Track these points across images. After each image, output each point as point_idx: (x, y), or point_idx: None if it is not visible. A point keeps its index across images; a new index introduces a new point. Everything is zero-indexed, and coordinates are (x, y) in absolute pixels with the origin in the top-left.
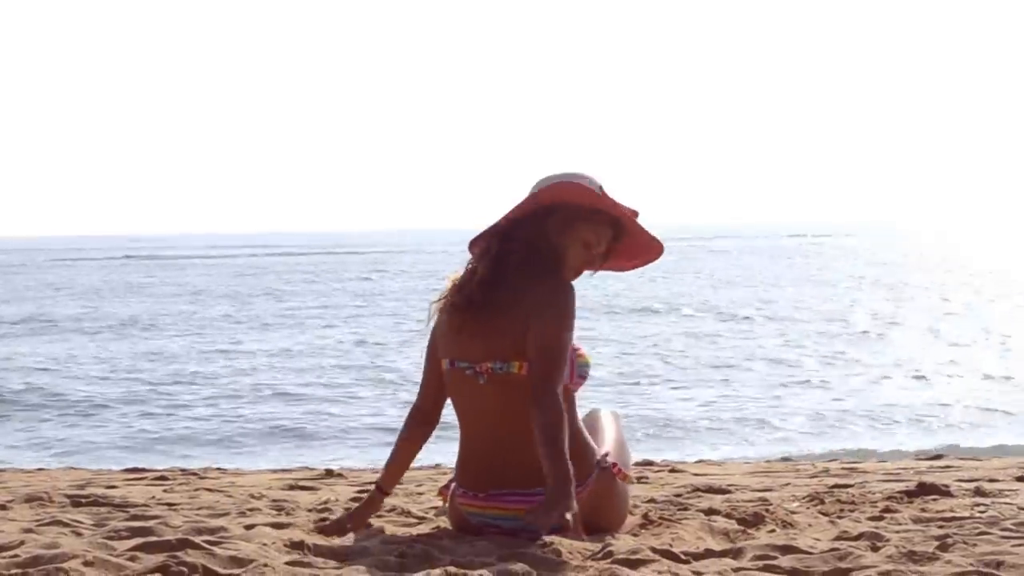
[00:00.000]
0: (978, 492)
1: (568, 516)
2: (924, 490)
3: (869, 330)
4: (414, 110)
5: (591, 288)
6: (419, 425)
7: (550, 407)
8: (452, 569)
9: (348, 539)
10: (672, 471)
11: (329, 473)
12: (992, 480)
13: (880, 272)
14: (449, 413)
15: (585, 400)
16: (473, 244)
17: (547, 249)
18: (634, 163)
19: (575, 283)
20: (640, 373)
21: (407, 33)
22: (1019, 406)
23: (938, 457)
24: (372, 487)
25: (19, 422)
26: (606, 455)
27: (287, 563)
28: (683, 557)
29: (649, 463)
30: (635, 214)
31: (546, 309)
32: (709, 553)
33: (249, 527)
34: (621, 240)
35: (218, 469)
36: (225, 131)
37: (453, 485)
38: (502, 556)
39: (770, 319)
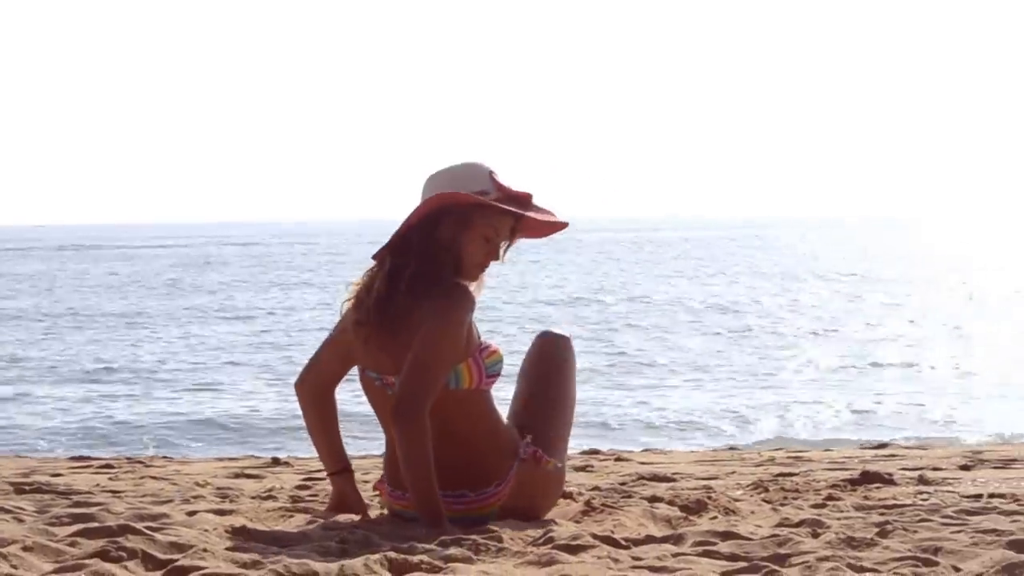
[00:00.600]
0: (922, 480)
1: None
2: (868, 478)
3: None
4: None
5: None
6: (311, 393)
7: (407, 430)
8: (392, 554)
9: (289, 525)
10: (618, 460)
11: (276, 461)
12: (936, 468)
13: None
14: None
15: None
16: (376, 256)
17: (442, 255)
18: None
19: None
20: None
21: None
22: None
23: (883, 446)
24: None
25: None
26: (526, 443)
27: (227, 548)
28: (623, 543)
29: (595, 452)
30: (528, 196)
31: (429, 326)
32: (650, 539)
33: (191, 514)
34: (522, 221)
35: (164, 457)
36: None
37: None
38: (443, 542)
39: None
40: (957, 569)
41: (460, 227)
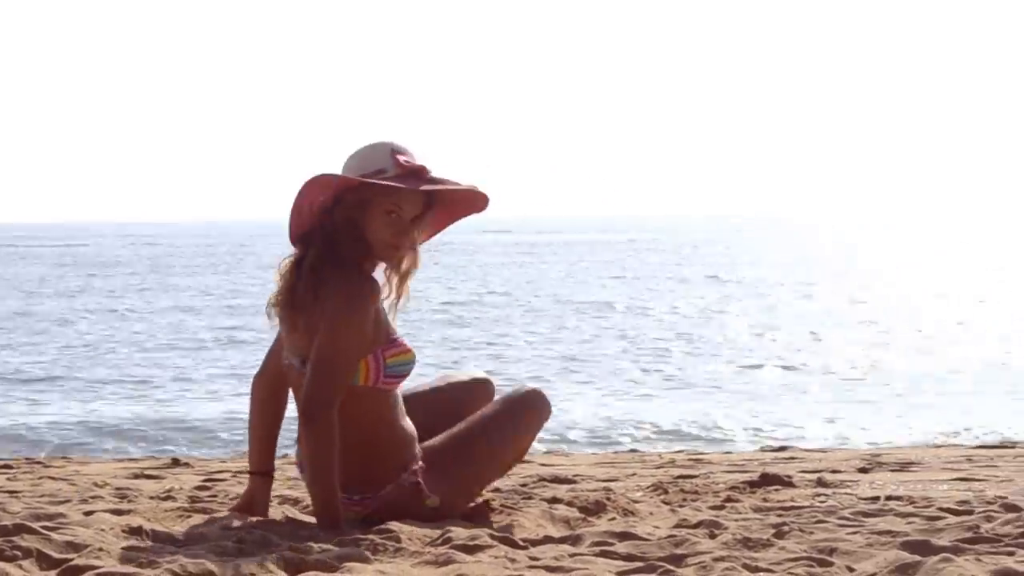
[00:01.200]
0: (820, 483)
1: None
2: (767, 480)
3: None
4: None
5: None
6: (258, 385)
7: (312, 430)
8: (288, 554)
9: (186, 526)
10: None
11: (175, 462)
12: (835, 471)
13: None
14: None
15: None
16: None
17: (345, 237)
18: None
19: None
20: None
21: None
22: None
23: (783, 449)
24: (229, 476)
25: None
26: (415, 469)
27: (123, 548)
28: (521, 543)
29: None
30: (422, 168)
31: (328, 317)
32: (548, 539)
33: (88, 513)
34: (437, 195)
35: (63, 458)
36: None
37: None
38: (341, 542)
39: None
40: (851, 569)
41: (358, 208)
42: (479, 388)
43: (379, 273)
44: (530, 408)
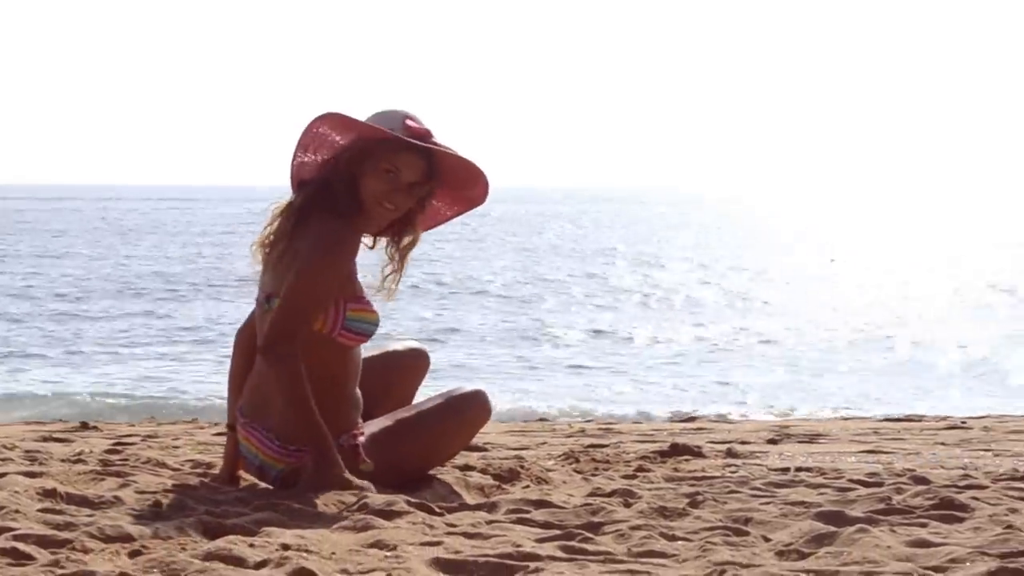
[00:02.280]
0: (730, 453)
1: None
2: (677, 451)
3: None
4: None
5: None
6: (242, 339)
7: (279, 370)
8: (206, 518)
9: (100, 489)
10: None
11: (84, 425)
12: (744, 442)
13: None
14: None
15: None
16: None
17: (339, 183)
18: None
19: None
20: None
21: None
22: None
23: (691, 419)
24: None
25: None
26: (355, 433)
27: (39, 510)
28: (437, 510)
29: None
30: (427, 133)
31: (307, 252)
32: (464, 507)
33: (0, 476)
34: (438, 171)
35: None
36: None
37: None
38: (257, 507)
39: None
40: (767, 539)
41: (357, 162)
42: (415, 357)
43: (380, 252)
44: (473, 408)
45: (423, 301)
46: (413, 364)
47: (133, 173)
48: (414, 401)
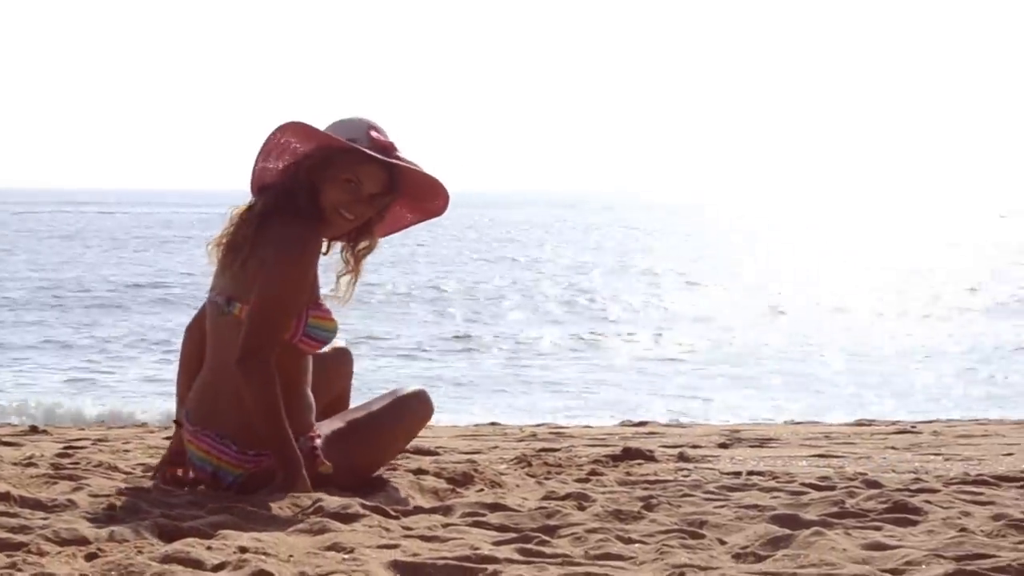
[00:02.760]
0: (681, 457)
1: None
2: (629, 455)
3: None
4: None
5: None
6: (192, 336)
7: (253, 380)
8: (162, 520)
9: (53, 492)
10: None
11: (34, 429)
12: (695, 446)
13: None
14: None
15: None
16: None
17: (300, 190)
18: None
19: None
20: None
21: None
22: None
23: (643, 424)
24: (89, 443)
25: None
26: (312, 435)
27: None
28: (393, 513)
29: None
30: (391, 146)
31: (274, 260)
32: (419, 510)
33: None
34: (399, 182)
35: None
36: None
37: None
38: (212, 510)
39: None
40: (723, 542)
41: (319, 170)
42: (341, 357)
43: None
44: (419, 406)
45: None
46: (340, 364)
47: (112, 177)
48: (351, 400)
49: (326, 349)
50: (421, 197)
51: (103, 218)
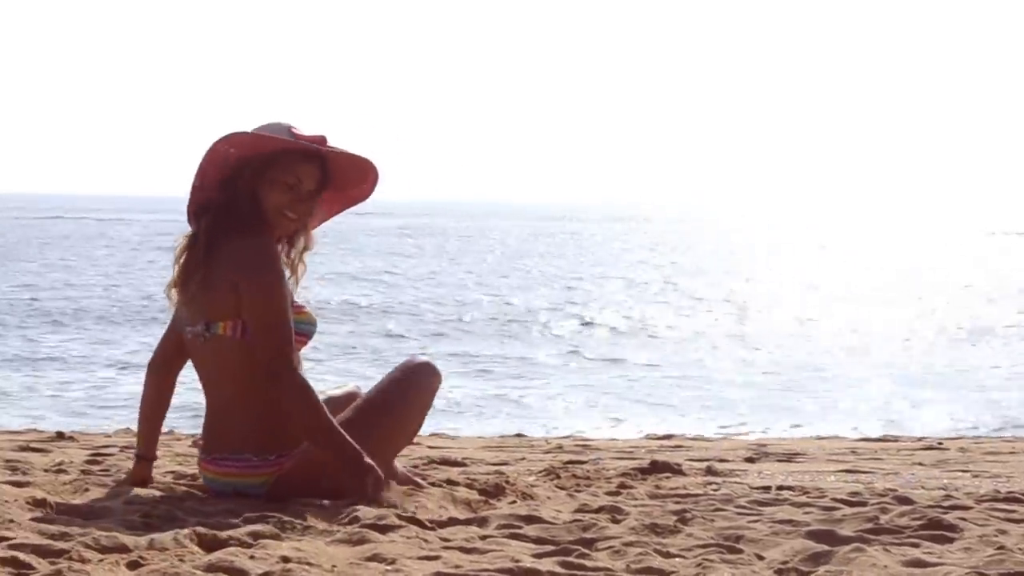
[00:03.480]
0: (709, 471)
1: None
2: (657, 468)
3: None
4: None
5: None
6: (155, 374)
7: (287, 386)
8: (201, 529)
9: (87, 499)
10: None
11: (60, 436)
12: (722, 460)
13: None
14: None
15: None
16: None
17: (243, 204)
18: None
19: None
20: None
21: None
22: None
23: (668, 437)
24: (117, 450)
25: None
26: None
27: (32, 519)
28: (429, 524)
29: None
30: (323, 140)
31: (251, 277)
32: (454, 521)
33: None
34: (330, 173)
35: None
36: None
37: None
38: (248, 518)
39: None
40: (761, 557)
41: (258, 179)
42: (349, 399)
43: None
44: (425, 376)
45: None
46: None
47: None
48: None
49: (337, 392)
50: (350, 184)
51: (120, 225)
